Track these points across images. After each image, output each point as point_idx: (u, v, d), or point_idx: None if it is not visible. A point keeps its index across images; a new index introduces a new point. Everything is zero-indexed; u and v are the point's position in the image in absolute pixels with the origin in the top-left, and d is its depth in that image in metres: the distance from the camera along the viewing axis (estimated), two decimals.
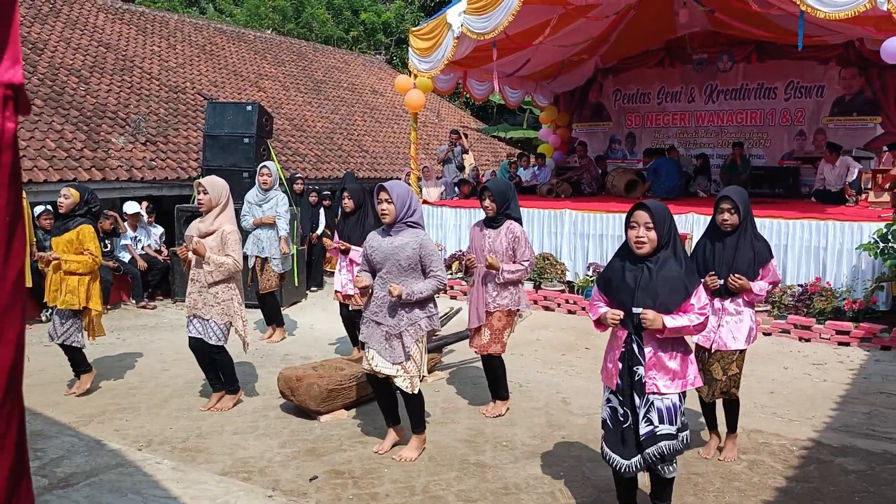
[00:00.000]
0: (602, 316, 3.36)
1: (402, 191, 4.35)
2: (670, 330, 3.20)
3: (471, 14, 9.68)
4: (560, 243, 10.09)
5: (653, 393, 3.25)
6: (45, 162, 9.24)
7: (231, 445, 4.74)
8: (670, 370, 3.27)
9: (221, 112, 9.69)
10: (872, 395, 5.88)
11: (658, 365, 3.26)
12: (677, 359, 3.30)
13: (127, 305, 9.39)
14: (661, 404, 3.27)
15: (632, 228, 3.28)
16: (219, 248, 5.17)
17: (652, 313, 3.16)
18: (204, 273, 5.14)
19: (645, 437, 3.26)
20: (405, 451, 4.51)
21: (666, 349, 3.28)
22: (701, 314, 3.25)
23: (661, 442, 3.25)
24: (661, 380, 3.26)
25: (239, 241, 5.28)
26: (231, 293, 5.28)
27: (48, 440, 4.75)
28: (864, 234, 7.95)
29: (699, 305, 3.25)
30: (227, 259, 5.15)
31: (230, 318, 5.27)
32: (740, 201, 4.21)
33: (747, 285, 4.18)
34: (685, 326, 3.21)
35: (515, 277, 5.08)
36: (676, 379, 3.28)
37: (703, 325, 3.27)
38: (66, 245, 5.57)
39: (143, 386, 6.04)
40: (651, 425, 3.26)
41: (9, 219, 0.99)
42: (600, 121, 14.97)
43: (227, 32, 19.39)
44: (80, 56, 13.08)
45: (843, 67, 12.19)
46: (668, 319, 3.18)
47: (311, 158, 14.37)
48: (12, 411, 1.05)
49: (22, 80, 0.98)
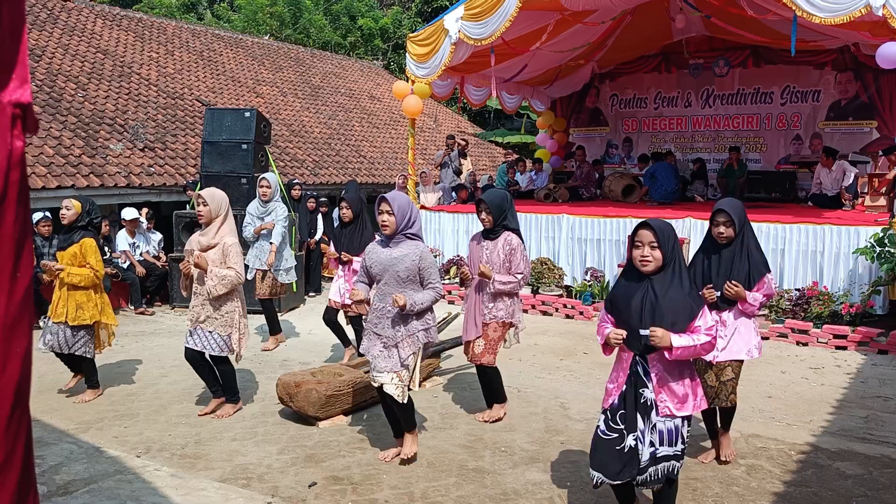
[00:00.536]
0: (606, 337, 3.34)
1: (403, 202, 4.37)
2: (678, 350, 3.16)
3: (468, 20, 9.72)
4: (558, 248, 10.12)
5: (665, 416, 3.24)
6: (44, 168, 9.25)
7: (230, 452, 4.75)
8: (679, 393, 3.27)
9: (219, 118, 9.70)
10: (870, 399, 5.90)
11: (667, 388, 3.26)
12: (686, 382, 3.30)
13: (125, 311, 9.40)
14: (664, 427, 3.25)
15: (636, 248, 3.27)
16: (220, 261, 5.17)
17: (661, 331, 3.15)
18: (207, 287, 5.15)
19: (648, 460, 3.24)
20: (403, 450, 4.57)
21: (672, 372, 3.27)
22: (708, 335, 3.22)
23: (660, 464, 3.24)
24: (671, 402, 3.25)
25: (240, 252, 5.28)
26: (234, 305, 5.28)
27: (47, 447, 4.76)
28: (860, 239, 7.99)
29: (706, 326, 3.23)
30: (230, 272, 5.14)
31: (231, 329, 5.27)
32: (735, 214, 4.22)
33: (743, 293, 4.19)
34: (693, 346, 3.18)
35: (507, 289, 5.05)
36: (687, 401, 3.28)
37: (710, 345, 3.23)
38: (71, 259, 5.59)
39: (141, 392, 6.04)
40: (652, 447, 3.24)
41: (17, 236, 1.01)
42: (597, 126, 15.02)
43: (224, 38, 19.42)
44: (77, 62, 13.10)
45: (838, 72, 12.26)
46: (676, 338, 3.16)
47: (309, 164, 14.39)
48: (20, 426, 1.06)
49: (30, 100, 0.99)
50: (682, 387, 3.28)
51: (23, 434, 1.07)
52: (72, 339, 5.66)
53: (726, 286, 4.19)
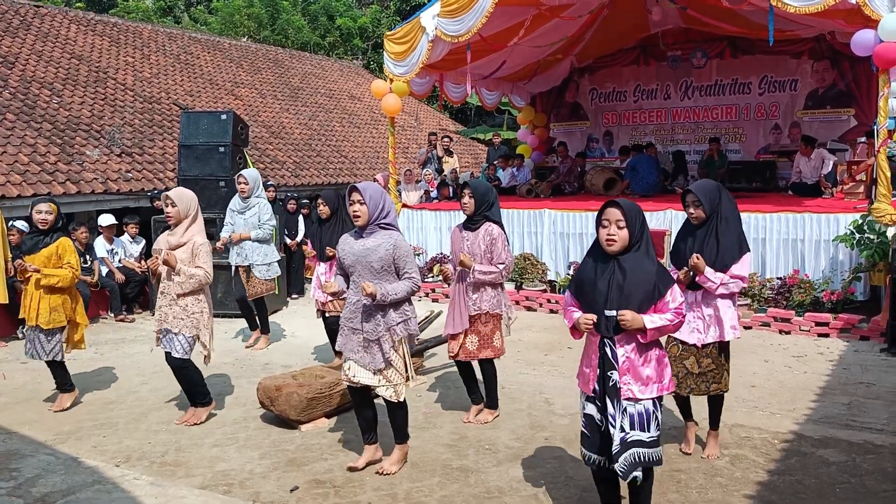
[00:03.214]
0: (576, 321, 3.33)
1: (374, 191, 4.23)
2: (651, 331, 3.17)
3: (444, 17, 9.67)
4: (541, 243, 10.10)
5: (628, 399, 3.22)
6: (18, 176, 9.12)
7: (211, 458, 4.69)
8: (644, 375, 3.24)
9: (196, 121, 9.60)
10: (852, 385, 5.92)
11: (632, 370, 3.23)
12: (652, 362, 3.27)
13: (105, 319, 9.28)
14: (634, 410, 3.22)
15: (603, 227, 3.26)
16: (189, 261, 5.09)
17: (630, 314, 3.14)
18: (174, 284, 5.07)
19: (619, 445, 3.20)
20: (386, 464, 4.39)
21: (640, 353, 3.25)
22: (678, 313, 3.23)
23: (631, 448, 3.20)
24: (635, 385, 3.22)
25: (209, 252, 5.19)
26: (201, 306, 5.20)
27: (23, 459, 4.68)
28: (840, 226, 8.02)
29: (675, 304, 3.24)
30: (198, 271, 5.07)
31: (198, 330, 5.19)
32: (702, 193, 4.22)
33: (701, 265, 4.16)
34: (664, 326, 3.20)
35: (488, 279, 5.00)
36: (651, 384, 3.25)
37: (680, 323, 3.27)
38: (45, 260, 5.51)
39: (121, 400, 5.96)
40: (623, 432, 3.21)
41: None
42: (577, 120, 15.02)
43: (202, 41, 19.27)
44: (52, 69, 12.93)
45: (815, 61, 12.32)
46: (647, 319, 3.16)
47: (289, 165, 14.29)
48: None
49: None
50: (648, 369, 3.26)
51: None
52: (47, 343, 5.58)
53: (690, 258, 4.18)
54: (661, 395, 3.30)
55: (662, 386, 3.30)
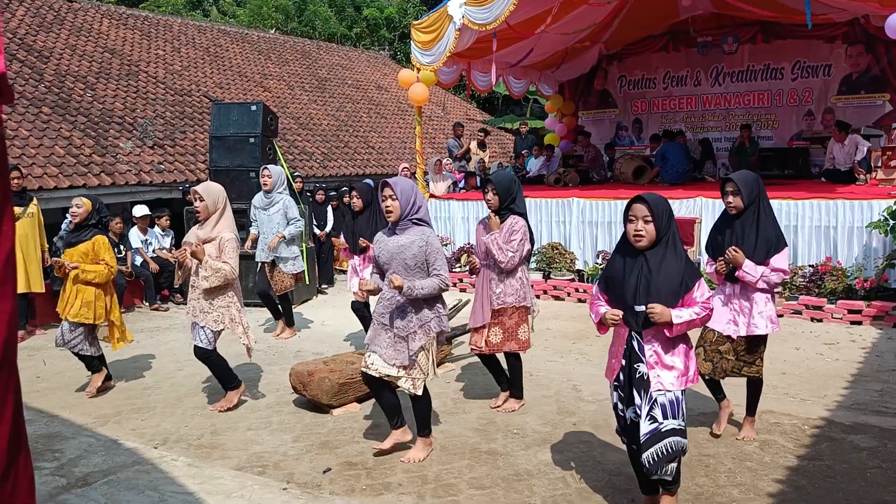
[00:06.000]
0: (602, 316, 3.36)
1: (406, 187, 4.22)
2: (679, 325, 3.18)
3: (472, 5, 9.67)
4: (569, 232, 10.09)
5: (658, 390, 3.24)
6: (55, 168, 9.33)
7: (245, 441, 4.79)
8: (673, 366, 3.27)
9: (226, 113, 9.73)
10: (885, 372, 5.86)
11: (660, 362, 3.26)
12: (680, 355, 3.30)
13: (140, 308, 9.48)
14: (665, 399, 3.25)
15: (630, 222, 3.28)
16: (216, 256, 5.15)
17: (659, 307, 3.16)
18: (200, 279, 5.15)
19: (649, 436, 3.22)
20: (412, 452, 4.40)
21: (667, 345, 3.27)
22: (705, 307, 3.24)
23: (666, 439, 3.22)
24: (665, 376, 3.25)
25: (236, 248, 5.24)
26: (228, 300, 5.26)
27: (66, 441, 4.82)
28: (874, 213, 7.91)
29: (702, 299, 3.25)
30: (224, 265, 5.11)
31: (225, 325, 5.25)
32: (742, 183, 4.18)
33: (741, 258, 4.15)
34: (692, 320, 3.21)
35: (500, 256, 4.92)
36: (680, 375, 3.27)
37: (707, 317, 3.28)
38: (82, 256, 5.63)
39: (157, 386, 6.11)
40: (655, 422, 3.23)
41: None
42: (606, 108, 14.92)
43: (230, 34, 19.46)
44: (85, 62, 13.18)
45: (849, 45, 12.09)
46: (674, 314, 3.17)
47: (318, 157, 14.42)
48: (8, 384, 1.08)
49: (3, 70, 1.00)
50: (677, 361, 3.28)
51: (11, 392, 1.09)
52: (69, 334, 5.71)
53: (728, 251, 4.16)
54: (686, 387, 3.33)
55: (688, 378, 3.32)
